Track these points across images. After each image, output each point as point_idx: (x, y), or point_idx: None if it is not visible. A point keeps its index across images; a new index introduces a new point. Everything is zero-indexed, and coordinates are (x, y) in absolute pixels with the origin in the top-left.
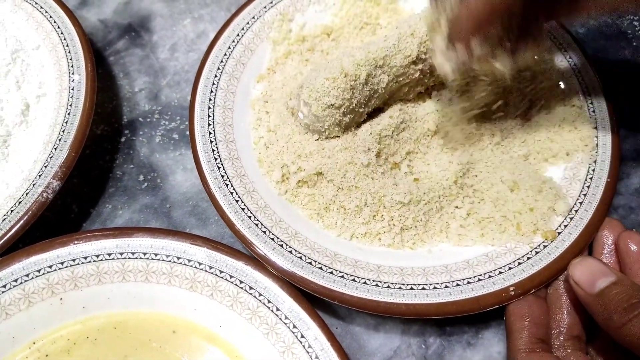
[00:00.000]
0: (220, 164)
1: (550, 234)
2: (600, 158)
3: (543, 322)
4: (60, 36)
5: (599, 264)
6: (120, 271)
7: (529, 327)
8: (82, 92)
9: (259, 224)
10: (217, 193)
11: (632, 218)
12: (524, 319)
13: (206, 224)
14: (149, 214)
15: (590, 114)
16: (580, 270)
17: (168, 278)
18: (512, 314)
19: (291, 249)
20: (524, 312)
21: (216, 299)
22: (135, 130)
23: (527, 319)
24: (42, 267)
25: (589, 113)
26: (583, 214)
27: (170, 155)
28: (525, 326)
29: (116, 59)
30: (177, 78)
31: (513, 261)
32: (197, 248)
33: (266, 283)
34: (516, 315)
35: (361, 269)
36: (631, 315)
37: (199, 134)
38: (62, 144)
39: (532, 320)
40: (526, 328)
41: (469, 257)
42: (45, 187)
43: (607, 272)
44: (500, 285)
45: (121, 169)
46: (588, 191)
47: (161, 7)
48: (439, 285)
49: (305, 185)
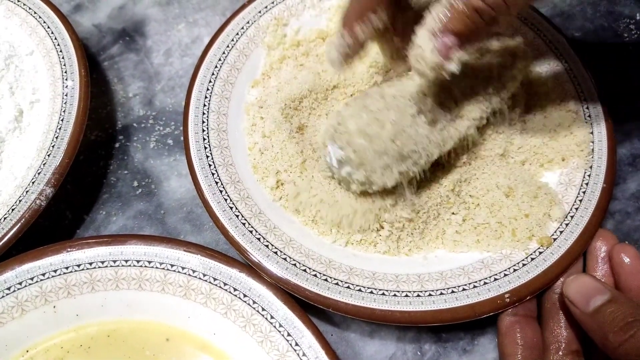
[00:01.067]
0: (215, 170)
1: (545, 240)
2: (596, 163)
3: (536, 345)
4: (54, 42)
5: (593, 281)
6: (113, 279)
7: (522, 351)
8: (75, 98)
9: (253, 230)
10: (211, 200)
11: (629, 223)
12: (517, 343)
13: (201, 230)
14: (143, 220)
15: (586, 119)
16: (574, 289)
17: (162, 286)
18: (504, 337)
19: (286, 256)
20: (517, 336)
21: (210, 306)
22: (129, 136)
23: (520, 342)
24: (35, 275)
25: (585, 118)
26: (579, 220)
27: (164, 161)
28: (518, 350)
29: (110, 64)
30: (172, 83)
31: (508, 267)
32: (191, 255)
33: (260, 290)
34: (509, 339)
35: (356, 276)
36: (627, 335)
37: (192, 140)
38: (56, 150)
39: (525, 344)
40: (519, 352)
41: (465, 263)
42: (39, 195)
43: (602, 289)
44: (495, 292)
45: (115, 174)
46: (584, 197)
47: (155, 11)
48: (434, 292)
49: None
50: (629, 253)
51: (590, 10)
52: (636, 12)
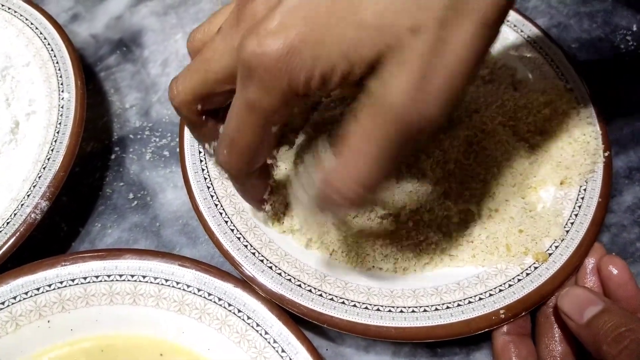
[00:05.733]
0: (210, 183)
1: (541, 256)
2: (592, 177)
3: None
4: (50, 53)
5: (586, 293)
6: (107, 293)
7: None
8: (71, 110)
9: (248, 245)
10: (206, 213)
11: (624, 236)
12: None
13: (196, 243)
14: (139, 232)
15: (583, 133)
16: (567, 301)
17: (156, 300)
18: (499, 357)
19: (281, 271)
20: (512, 356)
21: (204, 321)
22: (125, 147)
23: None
24: (29, 289)
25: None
26: (574, 235)
27: (160, 173)
28: None
29: (107, 74)
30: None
31: (504, 283)
32: (186, 270)
33: (255, 306)
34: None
35: (351, 291)
36: (621, 346)
37: (188, 152)
38: (51, 163)
39: None
40: None
41: (460, 278)
42: (34, 208)
43: (595, 300)
44: (490, 307)
45: (111, 186)
46: (579, 211)
47: (153, 21)
48: (429, 307)
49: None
50: (617, 265)
51: (586, 21)
52: (633, 23)
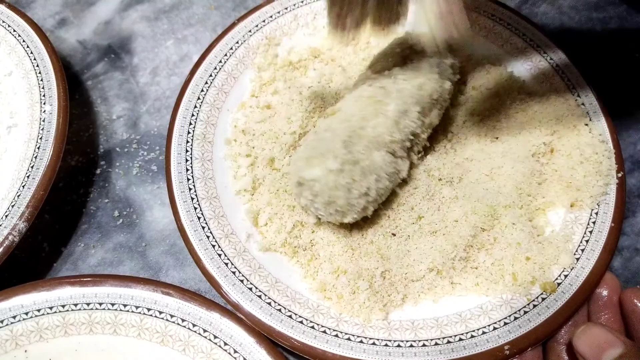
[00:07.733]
0: (197, 204)
1: (549, 286)
2: (605, 200)
3: None
4: (33, 62)
5: (605, 333)
6: (87, 322)
7: None
8: (53, 124)
9: (236, 271)
10: (193, 236)
11: (637, 260)
12: None
13: (183, 265)
14: (124, 253)
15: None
16: (584, 342)
17: (137, 331)
18: None
19: (270, 300)
20: None
21: (189, 354)
22: (111, 161)
23: None
24: (5, 317)
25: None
26: (585, 263)
27: (147, 189)
28: None
29: (94, 83)
30: (158, 104)
31: (509, 315)
32: (169, 298)
33: (242, 339)
34: None
35: (345, 323)
36: None
37: (175, 170)
38: (31, 181)
39: None
40: None
41: (462, 309)
42: (12, 230)
43: (614, 341)
44: (494, 343)
45: (95, 203)
46: (590, 237)
47: (143, 27)
48: (428, 342)
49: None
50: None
51: (599, 28)
52: None
